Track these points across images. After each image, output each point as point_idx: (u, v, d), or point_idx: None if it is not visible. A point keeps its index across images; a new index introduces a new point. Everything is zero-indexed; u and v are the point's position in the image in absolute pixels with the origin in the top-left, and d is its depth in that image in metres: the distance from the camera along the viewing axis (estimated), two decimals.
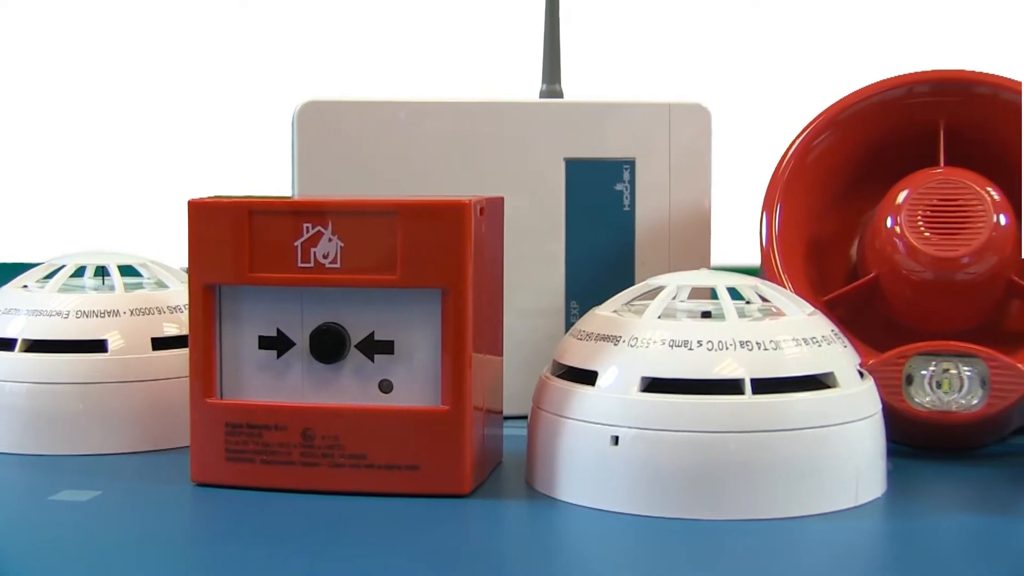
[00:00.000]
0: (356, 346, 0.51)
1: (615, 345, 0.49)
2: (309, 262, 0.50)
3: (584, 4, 0.87)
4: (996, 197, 0.56)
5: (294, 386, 0.51)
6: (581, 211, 0.63)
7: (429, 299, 0.50)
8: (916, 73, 0.59)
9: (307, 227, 0.50)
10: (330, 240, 0.50)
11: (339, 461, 0.50)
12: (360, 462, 0.50)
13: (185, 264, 0.51)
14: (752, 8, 0.94)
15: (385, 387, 0.51)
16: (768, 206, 0.60)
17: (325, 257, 0.50)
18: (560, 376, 0.51)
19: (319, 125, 0.62)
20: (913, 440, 0.57)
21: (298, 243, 0.50)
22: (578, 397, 0.49)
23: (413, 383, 0.50)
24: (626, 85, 0.90)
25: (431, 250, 0.49)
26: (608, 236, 0.63)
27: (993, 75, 0.58)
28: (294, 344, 0.51)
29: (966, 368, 0.55)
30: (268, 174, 0.73)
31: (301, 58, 0.96)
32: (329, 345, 0.50)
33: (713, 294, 0.52)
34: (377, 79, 0.94)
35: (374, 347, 0.51)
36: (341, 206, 0.50)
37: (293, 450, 0.50)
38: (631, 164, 0.63)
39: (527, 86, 0.67)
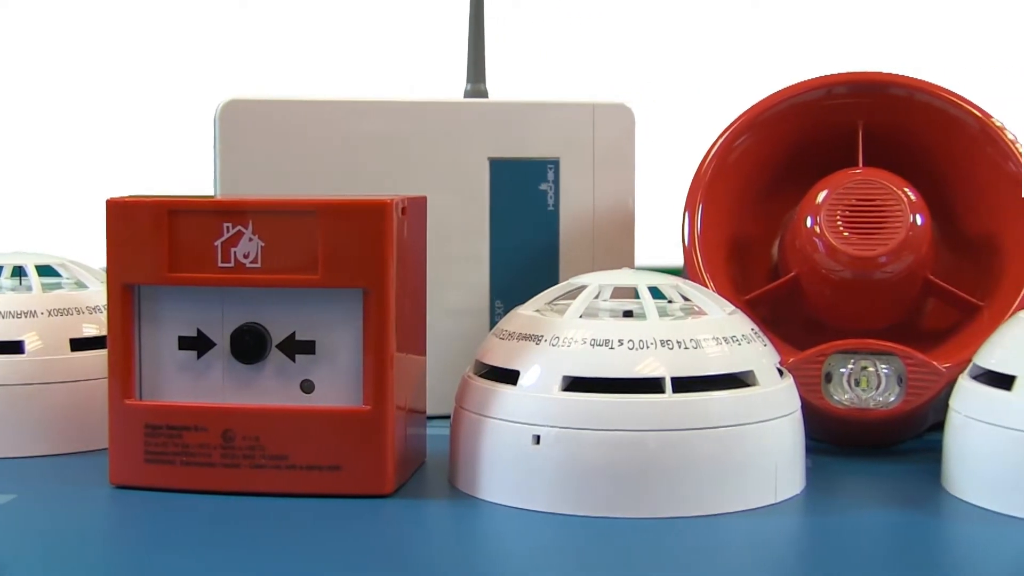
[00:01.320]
0: (277, 346, 0.50)
1: (537, 344, 0.49)
2: (230, 262, 0.50)
3: (509, 4, 0.87)
4: (913, 197, 0.57)
5: (215, 387, 0.51)
6: (505, 211, 0.63)
7: (351, 299, 0.50)
8: (834, 75, 0.60)
9: (227, 227, 0.50)
10: (251, 240, 0.50)
11: (260, 462, 0.50)
12: (281, 463, 0.50)
13: (105, 264, 0.51)
14: (676, 9, 0.95)
15: (307, 387, 0.50)
16: (690, 206, 0.60)
17: (246, 257, 0.50)
18: (482, 376, 0.51)
19: (241, 124, 0.61)
20: (832, 437, 0.58)
21: (218, 243, 0.50)
22: (500, 396, 0.49)
23: (335, 383, 0.50)
24: (551, 85, 0.90)
25: (352, 250, 0.49)
26: (532, 236, 0.63)
27: (908, 77, 0.59)
28: (214, 344, 0.51)
29: (883, 366, 0.56)
30: (191, 174, 0.72)
31: (224, 56, 0.95)
32: (250, 345, 0.50)
33: (636, 294, 0.52)
34: (301, 78, 0.93)
35: (295, 347, 0.50)
36: (262, 205, 0.50)
37: (213, 451, 0.50)
38: (555, 164, 0.63)
39: (452, 85, 0.67)
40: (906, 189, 0.57)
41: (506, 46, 0.75)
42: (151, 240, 0.50)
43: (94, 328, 0.58)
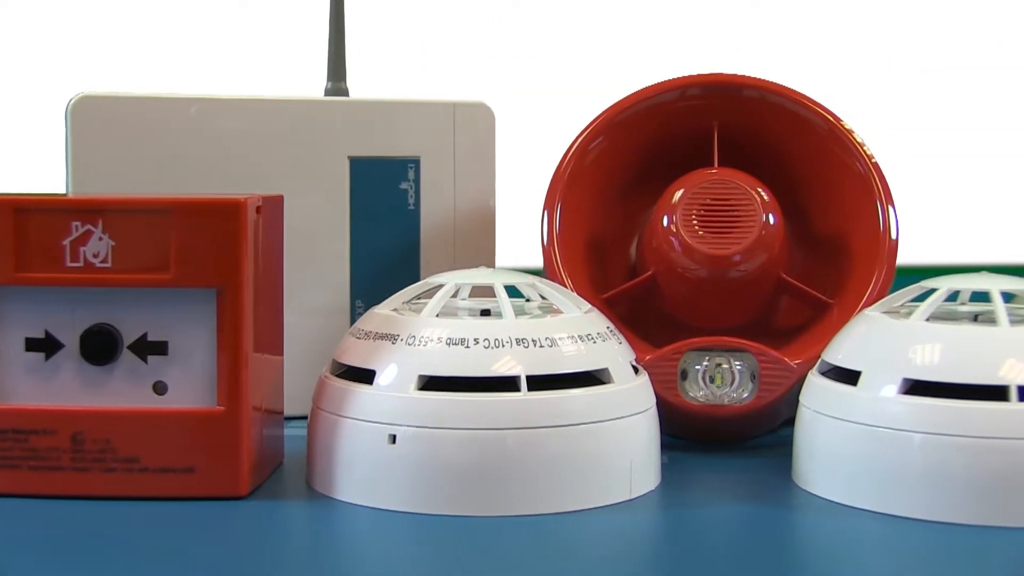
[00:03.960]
0: (129, 347, 0.49)
1: (393, 344, 0.49)
2: (79, 261, 0.49)
3: (370, 2, 0.87)
4: (766, 197, 0.58)
5: (63, 389, 0.49)
6: (366, 210, 0.63)
7: (204, 299, 0.49)
8: (687, 77, 0.60)
9: (76, 225, 0.49)
10: (101, 239, 0.49)
11: (111, 465, 0.49)
12: (133, 466, 0.49)
13: None
14: (536, 9, 0.95)
15: (159, 388, 0.50)
16: (549, 206, 0.60)
17: (95, 256, 0.49)
18: (339, 375, 0.51)
19: (94, 120, 0.60)
20: (688, 433, 0.59)
21: (67, 242, 0.49)
22: (356, 396, 0.49)
23: (188, 384, 0.50)
24: (412, 84, 0.90)
25: (206, 249, 0.49)
26: (393, 235, 0.63)
27: (760, 79, 0.60)
28: (63, 346, 0.49)
29: (737, 363, 0.57)
30: (43, 173, 0.71)
31: (77, 50, 0.93)
32: (100, 346, 0.49)
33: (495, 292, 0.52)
34: (157, 74, 0.91)
35: (147, 348, 0.49)
36: (112, 204, 0.49)
37: (62, 455, 0.49)
38: (416, 163, 0.63)
39: (313, 83, 0.67)
40: (759, 189, 0.58)
41: (368, 44, 0.74)
42: None
43: None
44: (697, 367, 0.57)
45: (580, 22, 0.95)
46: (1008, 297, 0.51)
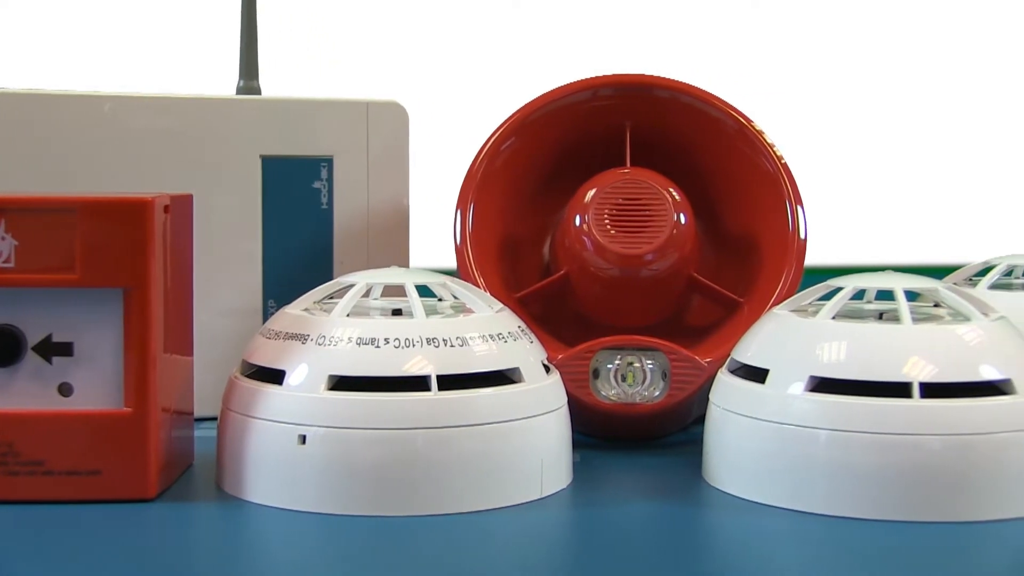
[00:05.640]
0: (33, 348, 0.49)
1: (303, 344, 0.49)
2: None
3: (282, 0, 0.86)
4: (677, 197, 0.58)
5: None
6: (278, 209, 0.63)
7: (111, 299, 0.48)
8: (599, 77, 0.61)
9: None
10: (3, 238, 0.48)
11: (14, 469, 0.48)
12: (37, 469, 0.48)
13: None
14: (450, 9, 0.95)
15: (65, 390, 0.49)
16: (462, 205, 0.60)
17: None
18: (249, 376, 0.50)
19: (2, 118, 0.59)
20: (600, 431, 0.59)
21: None
22: (265, 396, 0.49)
23: (95, 386, 0.49)
24: (326, 83, 0.90)
25: (112, 249, 0.48)
26: (306, 234, 0.63)
27: (670, 79, 0.61)
28: None
29: (649, 361, 0.57)
30: None
31: None
32: (3, 348, 0.48)
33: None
34: (66, 70, 0.90)
35: (52, 349, 0.49)
36: (15, 203, 0.48)
37: None
38: (329, 162, 0.63)
39: (224, 81, 0.66)
40: (671, 189, 0.58)
41: (281, 43, 0.74)
42: None
43: None
44: (609, 366, 0.57)
45: (494, 22, 0.95)
46: (911, 296, 0.52)
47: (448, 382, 0.48)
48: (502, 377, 0.50)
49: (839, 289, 0.52)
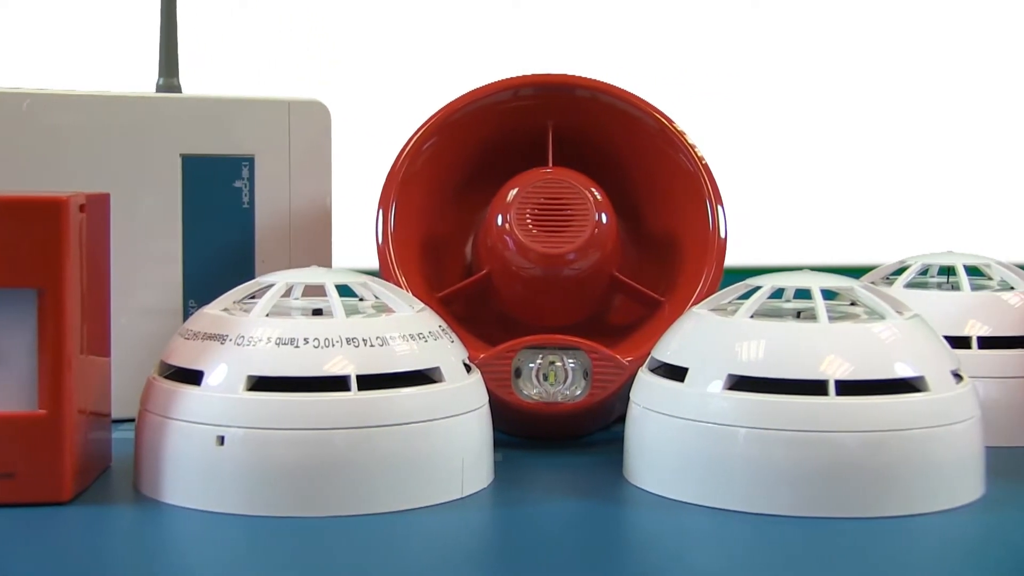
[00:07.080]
0: None
1: (222, 344, 0.49)
2: None
3: None
4: (599, 196, 0.59)
5: None
6: (199, 208, 0.62)
7: (24, 300, 0.48)
8: (520, 77, 0.61)
9: None
10: None
11: None
12: None
13: None
14: (372, 8, 0.95)
15: None
16: (384, 205, 0.60)
17: None
18: (167, 377, 0.50)
19: None
20: (522, 431, 0.59)
21: None
22: (183, 397, 0.48)
23: (8, 388, 0.48)
24: (247, 81, 0.89)
25: (26, 249, 0.47)
26: (227, 234, 0.62)
27: (591, 79, 0.61)
28: None
29: (570, 360, 0.58)
30: None
31: None
32: None
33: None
34: None
35: None
36: None
37: None
38: (250, 161, 0.63)
39: (144, 79, 0.66)
40: (593, 188, 0.59)
41: (202, 40, 0.73)
42: None
43: None
44: (531, 365, 0.57)
45: (418, 22, 0.95)
46: (829, 295, 0.53)
47: (368, 382, 0.48)
48: (423, 377, 0.49)
49: (758, 288, 0.53)
